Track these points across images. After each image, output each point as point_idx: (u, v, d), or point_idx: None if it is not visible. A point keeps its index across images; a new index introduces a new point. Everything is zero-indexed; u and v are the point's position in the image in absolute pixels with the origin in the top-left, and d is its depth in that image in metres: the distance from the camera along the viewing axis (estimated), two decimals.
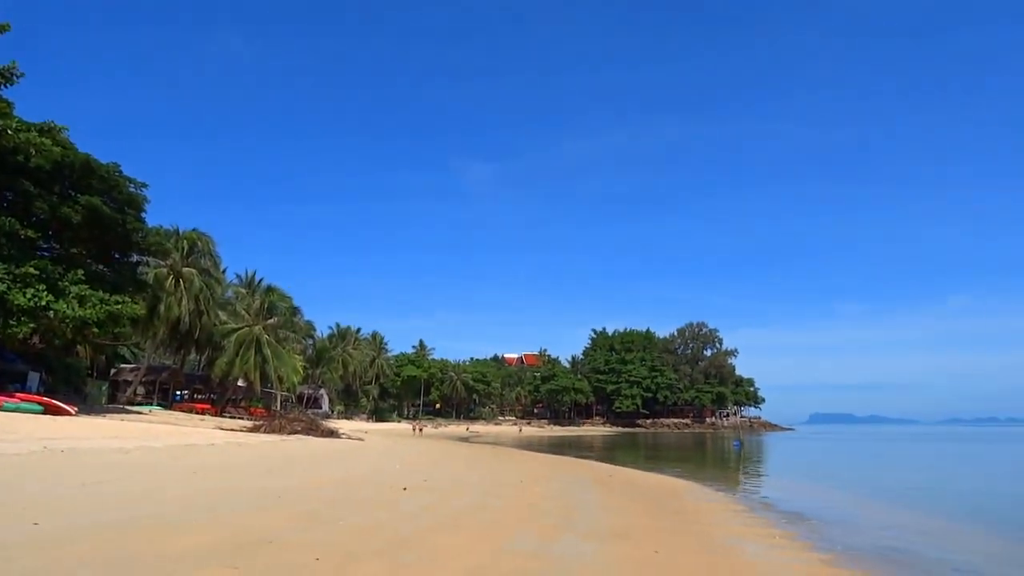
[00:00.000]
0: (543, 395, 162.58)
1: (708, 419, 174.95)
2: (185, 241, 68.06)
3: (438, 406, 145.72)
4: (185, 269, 66.00)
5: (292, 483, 19.98)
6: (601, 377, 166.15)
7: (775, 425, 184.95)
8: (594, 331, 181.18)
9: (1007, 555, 16.18)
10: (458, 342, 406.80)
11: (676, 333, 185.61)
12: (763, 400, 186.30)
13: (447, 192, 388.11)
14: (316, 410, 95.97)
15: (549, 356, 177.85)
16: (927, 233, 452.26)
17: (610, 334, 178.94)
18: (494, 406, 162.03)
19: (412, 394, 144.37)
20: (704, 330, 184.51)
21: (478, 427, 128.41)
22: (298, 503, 15.69)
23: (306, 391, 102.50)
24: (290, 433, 46.65)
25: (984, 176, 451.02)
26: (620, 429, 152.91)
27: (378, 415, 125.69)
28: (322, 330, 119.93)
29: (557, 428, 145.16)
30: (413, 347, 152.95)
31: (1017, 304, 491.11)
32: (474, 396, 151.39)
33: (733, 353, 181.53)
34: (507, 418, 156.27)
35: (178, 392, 75.80)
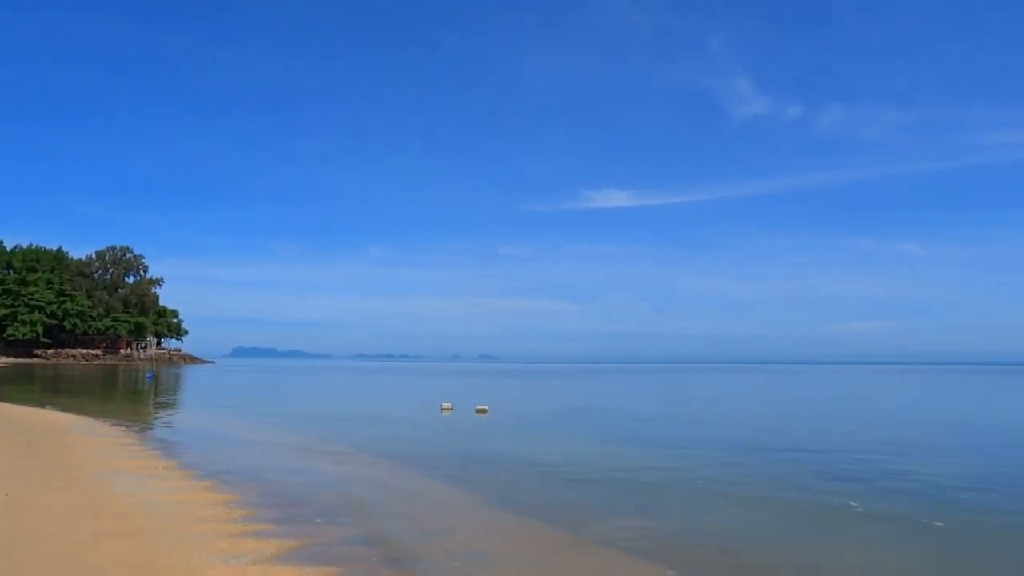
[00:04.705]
0: None
1: (123, 350, 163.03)
2: None
3: None
4: None
5: None
6: None
7: (196, 358, 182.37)
8: None
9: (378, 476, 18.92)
10: None
11: (95, 256, 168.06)
12: (186, 332, 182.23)
13: None
14: None
15: None
16: (352, 188, 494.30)
17: (9, 249, 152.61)
18: None
19: None
20: (128, 255, 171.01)
21: None
22: None
23: None
24: None
25: (398, 138, 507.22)
26: (13, 360, 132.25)
27: None
28: None
29: None
30: None
31: (417, 256, 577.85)
32: None
33: (158, 282, 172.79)
34: None
35: None
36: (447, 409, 37.94)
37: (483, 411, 36.27)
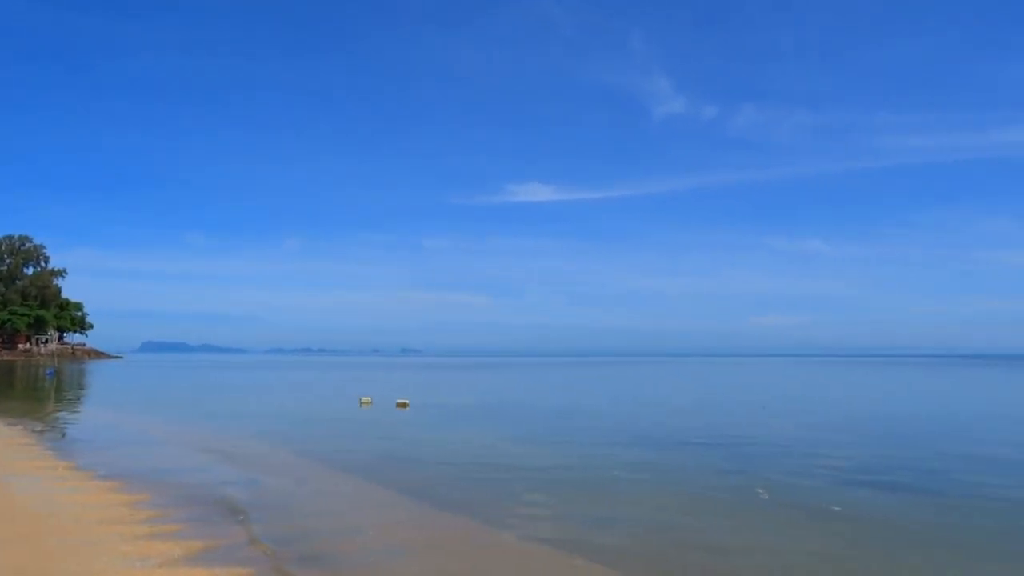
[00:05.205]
0: None
1: (22, 345, 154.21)
2: None
3: None
4: None
5: None
6: None
7: (102, 353, 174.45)
8: None
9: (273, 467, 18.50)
10: None
11: None
12: (91, 326, 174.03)
13: None
14: None
15: None
16: (269, 178, 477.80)
17: None
18: None
19: None
20: (27, 245, 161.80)
21: None
22: None
23: None
24: None
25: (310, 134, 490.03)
26: None
27: None
28: None
29: None
30: None
31: (336, 248, 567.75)
32: None
33: (61, 273, 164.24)
34: None
35: None
36: (366, 403, 37.51)
37: (403, 405, 36.01)
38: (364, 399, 38.55)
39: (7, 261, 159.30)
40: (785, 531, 11.65)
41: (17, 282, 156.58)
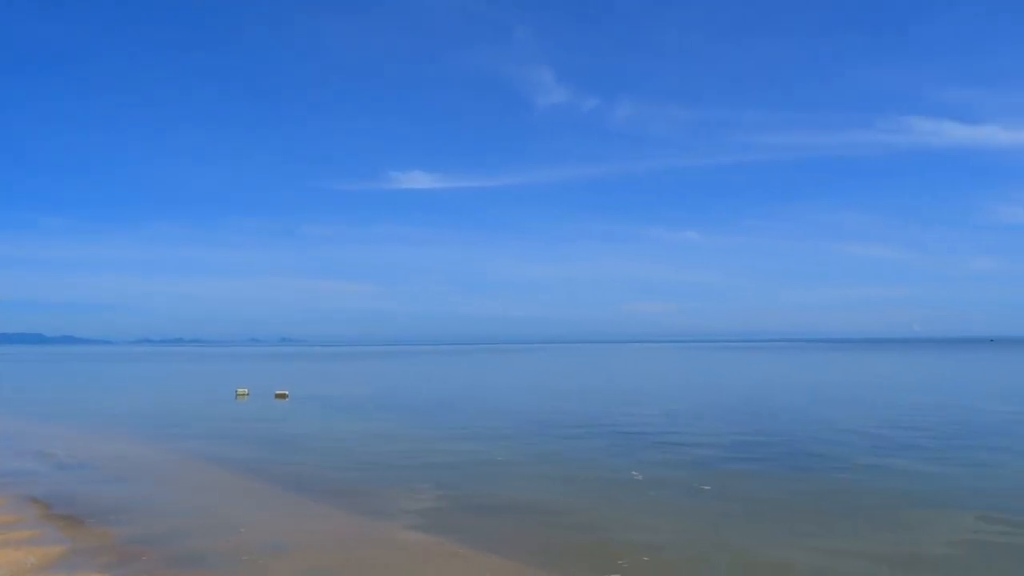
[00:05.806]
0: None
1: None
2: None
3: None
4: None
5: None
6: None
7: None
8: None
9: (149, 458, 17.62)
10: None
11: None
12: None
13: None
14: None
15: None
16: (134, 157, 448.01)
17: None
18: None
19: None
20: None
21: None
22: None
23: None
24: None
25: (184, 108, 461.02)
26: None
27: None
28: None
29: None
30: None
31: (209, 234, 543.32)
32: None
33: None
34: None
35: None
36: (243, 395, 36.29)
37: (282, 396, 35.09)
38: (241, 391, 37.27)
39: None
40: (659, 510, 12.17)
41: None
